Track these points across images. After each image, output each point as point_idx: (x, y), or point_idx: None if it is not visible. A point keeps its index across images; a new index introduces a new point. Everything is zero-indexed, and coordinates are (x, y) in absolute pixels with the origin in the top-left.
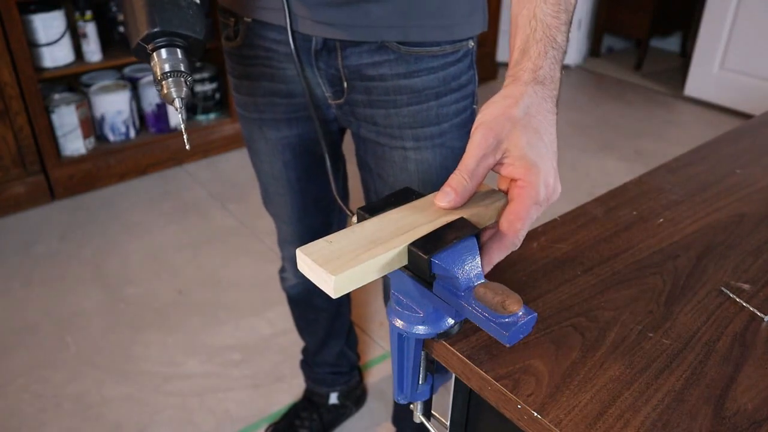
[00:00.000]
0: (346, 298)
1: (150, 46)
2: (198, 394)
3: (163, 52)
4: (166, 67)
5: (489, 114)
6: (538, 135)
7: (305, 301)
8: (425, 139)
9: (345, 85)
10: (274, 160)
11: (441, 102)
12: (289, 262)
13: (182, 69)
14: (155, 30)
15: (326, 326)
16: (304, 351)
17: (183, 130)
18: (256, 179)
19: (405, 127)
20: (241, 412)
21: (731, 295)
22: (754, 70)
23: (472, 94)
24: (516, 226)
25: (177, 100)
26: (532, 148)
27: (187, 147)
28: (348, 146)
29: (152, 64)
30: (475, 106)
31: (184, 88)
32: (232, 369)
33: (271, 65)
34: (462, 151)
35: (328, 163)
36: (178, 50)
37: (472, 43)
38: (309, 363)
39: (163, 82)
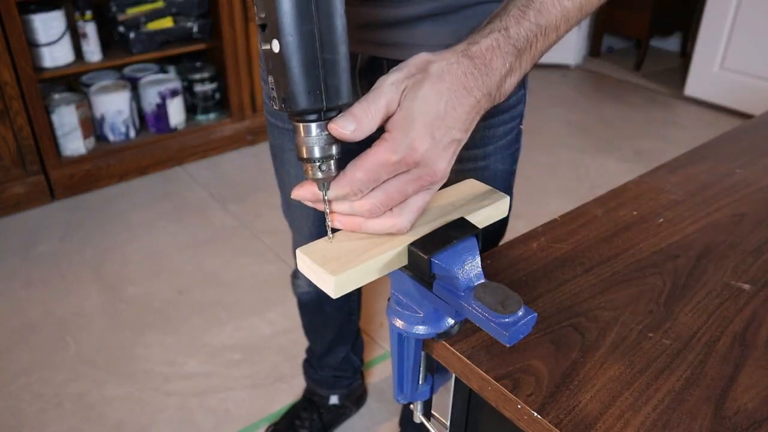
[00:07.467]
0: (357, 306)
1: (297, 118)
2: (198, 394)
3: (313, 129)
4: (316, 153)
5: (414, 57)
6: (437, 100)
7: (316, 307)
8: (468, 161)
9: None
10: (301, 172)
11: (488, 124)
12: None
13: (334, 153)
14: (317, 107)
15: (334, 332)
16: (309, 351)
17: (326, 214)
18: (255, 178)
19: None
20: (241, 412)
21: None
22: (754, 70)
23: (521, 115)
24: (354, 173)
25: (320, 183)
26: (421, 104)
27: (330, 236)
28: None
29: (296, 135)
30: (521, 127)
31: (333, 173)
32: (232, 369)
33: None
34: (505, 173)
35: None
36: (327, 124)
37: None
38: (312, 364)
39: (308, 165)
